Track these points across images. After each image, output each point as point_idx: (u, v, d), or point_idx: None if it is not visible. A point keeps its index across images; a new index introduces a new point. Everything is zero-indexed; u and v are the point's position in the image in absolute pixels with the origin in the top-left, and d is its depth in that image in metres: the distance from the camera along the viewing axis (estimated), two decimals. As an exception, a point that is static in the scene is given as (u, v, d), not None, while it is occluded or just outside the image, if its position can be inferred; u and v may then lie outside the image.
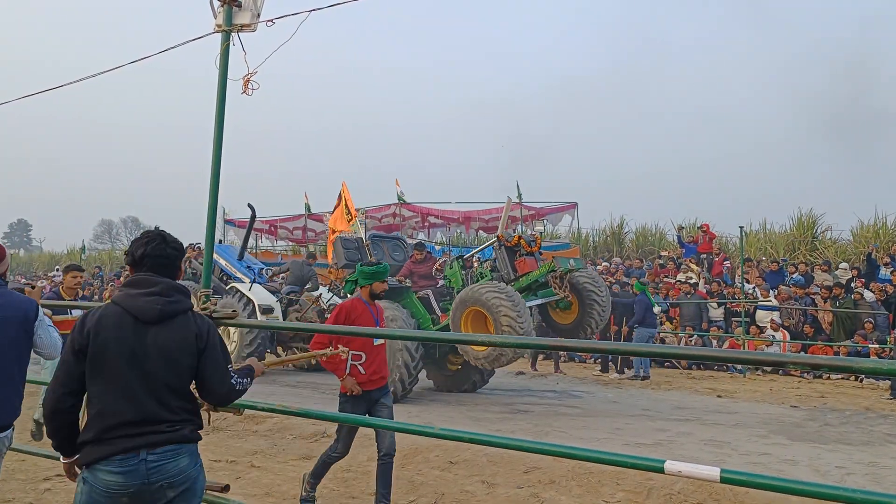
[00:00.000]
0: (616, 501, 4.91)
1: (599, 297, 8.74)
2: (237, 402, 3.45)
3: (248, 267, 12.73)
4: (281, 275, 12.79)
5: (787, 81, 75.29)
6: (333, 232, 11.92)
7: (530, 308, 8.79)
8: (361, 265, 4.88)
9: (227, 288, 12.32)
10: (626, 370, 12.24)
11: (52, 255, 34.75)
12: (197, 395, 2.50)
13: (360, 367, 4.55)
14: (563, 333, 9.14)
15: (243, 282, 12.11)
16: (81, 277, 6.37)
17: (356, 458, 5.96)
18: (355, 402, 4.58)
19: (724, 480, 2.08)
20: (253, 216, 13.18)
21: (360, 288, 4.80)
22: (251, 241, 18.61)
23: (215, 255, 13.36)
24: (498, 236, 9.08)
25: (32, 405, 8.10)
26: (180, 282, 2.55)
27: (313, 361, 5.17)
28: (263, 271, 12.71)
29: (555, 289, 8.61)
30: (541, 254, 9.58)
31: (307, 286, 12.29)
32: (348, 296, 10.22)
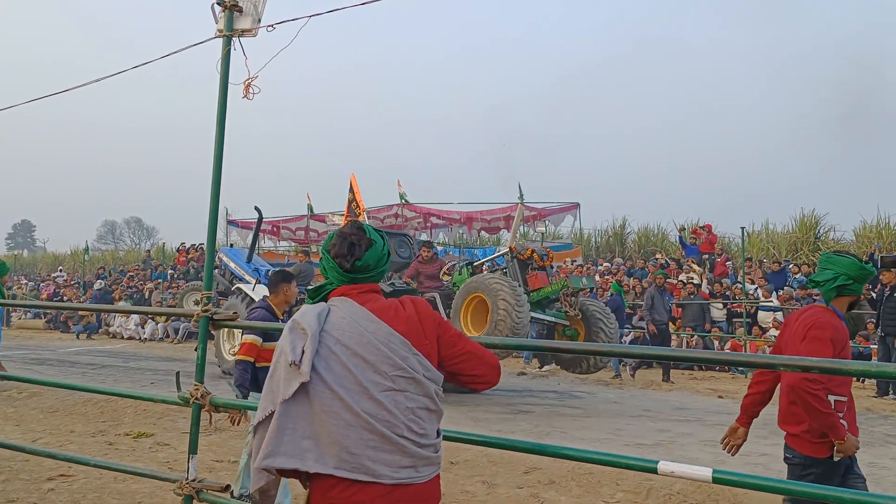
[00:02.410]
0: (616, 502, 4.93)
1: (607, 327, 8.62)
2: (239, 403, 3.49)
3: (256, 269, 12.80)
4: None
5: (791, 82, 75.22)
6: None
7: (536, 322, 8.79)
8: (842, 256, 3.07)
9: (233, 289, 12.41)
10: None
11: (55, 256, 34.84)
12: None
13: (840, 418, 2.89)
14: (568, 361, 9.11)
15: (249, 283, 12.18)
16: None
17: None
18: (832, 470, 2.92)
19: (716, 481, 2.10)
20: (260, 218, 13.26)
21: (838, 296, 3.03)
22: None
23: (225, 258, 13.53)
24: (510, 247, 9.00)
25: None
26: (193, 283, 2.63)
27: None
28: (270, 273, 12.76)
29: (565, 307, 8.54)
30: (552, 268, 9.52)
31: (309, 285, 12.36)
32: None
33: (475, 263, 9.52)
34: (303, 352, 1.84)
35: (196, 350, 3.66)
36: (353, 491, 1.81)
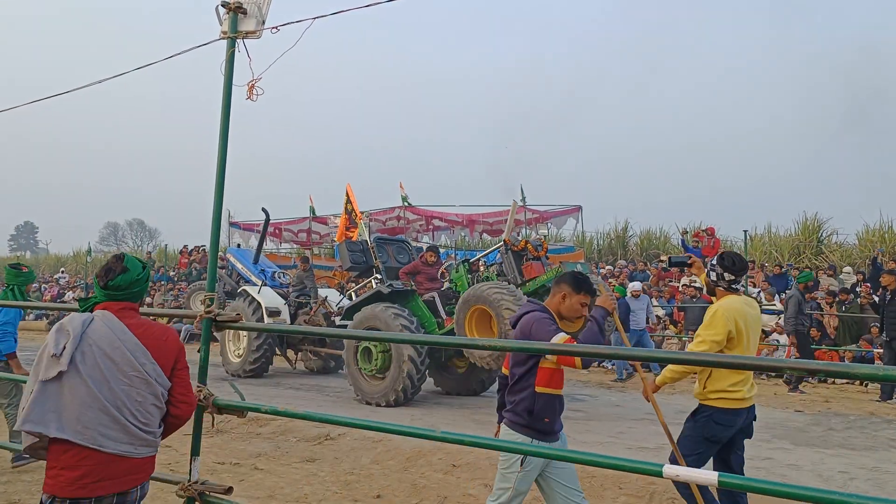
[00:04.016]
0: (618, 505, 4.91)
1: None
2: (240, 404, 3.48)
3: (262, 270, 12.86)
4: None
5: (794, 85, 75.14)
6: (350, 237, 11.92)
7: None
8: None
9: (239, 291, 12.47)
10: None
11: (58, 258, 34.89)
12: None
13: None
14: None
15: (256, 285, 12.22)
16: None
17: (359, 460, 5.99)
18: None
19: (721, 485, 2.09)
20: (267, 220, 13.30)
21: None
22: (255, 244, 18.77)
23: (232, 259, 13.58)
24: (504, 240, 9.08)
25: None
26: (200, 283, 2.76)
27: None
28: (276, 274, 12.85)
29: None
30: (547, 258, 9.56)
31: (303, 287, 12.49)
32: (353, 296, 10.14)
33: (471, 260, 9.55)
34: (64, 347, 2.42)
35: (199, 351, 3.66)
36: (82, 456, 2.40)
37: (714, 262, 3.89)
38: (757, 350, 3.92)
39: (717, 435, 3.74)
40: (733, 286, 3.84)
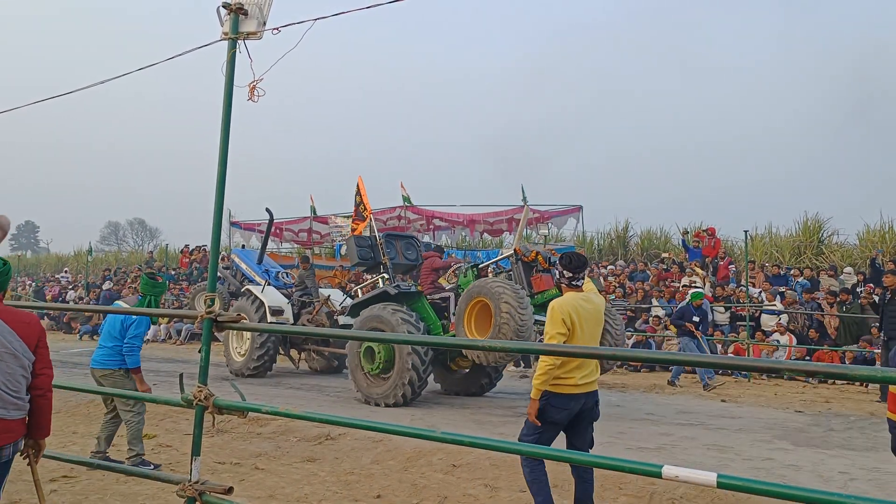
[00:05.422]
0: (618, 506, 4.91)
1: (613, 328, 8.48)
2: (241, 405, 3.48)
3: (266, 270, 12.89)
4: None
5: (795, 85, 75.12)
6: (354, 231, 11.82)
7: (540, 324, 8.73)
8: None
9: (243, 291, 12.50)
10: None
11: (59, 257, 34.89)
12: None
13: None
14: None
15: (259, 285, 12.25)
16: None
17: (360, 460, 5.99)
18: None
19: (720, 486, 2.10)
20: (271, 220, 13.31)
21: None
22: (255, 244, 18.83)
23: (237, 260, 13.61)
24: (515, 249, 8.97)
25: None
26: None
27: None
28: (280, 274, 12.89)
29: None
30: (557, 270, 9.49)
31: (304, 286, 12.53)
32: (359, 293, 10.10)
33: (480, 266, 9.49)
34: None
35: (199, 352, 3.66)
36: None
37: (556, 261, 4.21)
38: (598, 340, 4.35)
39: (554, 417, 4.11)
40: (573, 283, 4.24)
